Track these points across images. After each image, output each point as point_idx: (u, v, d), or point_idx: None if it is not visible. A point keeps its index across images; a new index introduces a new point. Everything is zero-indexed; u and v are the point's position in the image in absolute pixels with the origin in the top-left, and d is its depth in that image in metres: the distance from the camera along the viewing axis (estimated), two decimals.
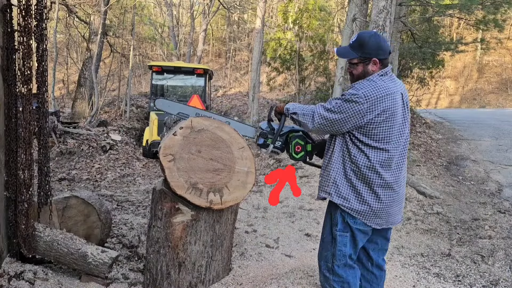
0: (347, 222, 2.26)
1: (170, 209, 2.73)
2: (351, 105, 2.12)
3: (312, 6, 14.63)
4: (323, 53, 14.86)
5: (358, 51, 2.22)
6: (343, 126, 2.18)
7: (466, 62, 25.83)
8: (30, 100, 2.89)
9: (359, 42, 2.23)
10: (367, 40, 2.21)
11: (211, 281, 2.95)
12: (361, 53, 2.21)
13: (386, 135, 2.18)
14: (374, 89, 2.14)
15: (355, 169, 2.22)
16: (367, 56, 2.20)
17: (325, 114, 2.19)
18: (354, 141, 2.22)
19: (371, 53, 2.19)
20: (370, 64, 2.21)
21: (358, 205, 2.22)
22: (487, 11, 11.28)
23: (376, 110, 2.12)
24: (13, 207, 2.93)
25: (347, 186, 2.25)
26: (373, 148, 2.19)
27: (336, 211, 2.29)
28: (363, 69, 2.23)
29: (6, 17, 2.85)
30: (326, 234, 2.36)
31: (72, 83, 20.06)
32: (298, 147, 2.43)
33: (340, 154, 2.27)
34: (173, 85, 11.15)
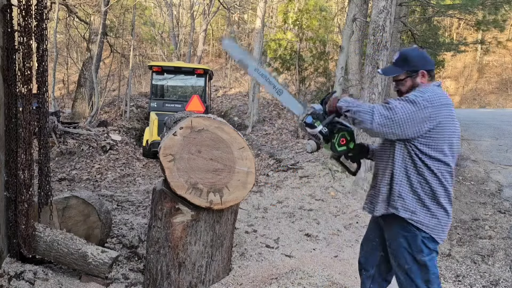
0: (427, 245, 2.14)
1: (170, 209, 2.73)
2: (415, 107, 2.01)
3: (313, 7, 14.63)
4: (323, 54, 14.86)
5: (403, 66, 2.18)
6: (406, 130, 2.04)
7: (466, 62, 25.83)
8: (30, 100, 2.90)
9: (403, 57, 2.20)
10: (410, 53, 2.20)
11: (211, 281, 2.95)
12: (407, 67, 2.17)
13: (447, 147, 2.10)
14: (437, 96, 2.07)
15: (422, 181, 2.11)
16: (414, 69, 2.16)
17: (387, 113, 2.02)
18: (417, 153, 2.11)
19: (417, 65, 2.16)
20: (418, 77, 2.17)
21: (427, 218, 2.12)
22: (488, 11, 11.29)
23: (438, 117, 2.05)
24: (13, 207, 2.93)
25: (413, 200, 2.12)
26: (437, 160, 2.09)
27: (414, 239, 2.13)
28: (411, 83, 2.18)
29: (6, 17, 2.85)
30: (410, 265, 2.16)
31: (72, 83, 20.06)
32: (343, 140, 2.28)
33: (402, 165, 2.14)
34: (173, 85, 11.15)
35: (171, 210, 2.73)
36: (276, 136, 11.91)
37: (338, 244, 4.16)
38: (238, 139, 2.77)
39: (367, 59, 7.24)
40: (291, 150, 9.72)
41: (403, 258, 2.17)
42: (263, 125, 13.29)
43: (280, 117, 14.25)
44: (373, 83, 7.06)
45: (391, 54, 9.78)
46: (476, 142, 8.94)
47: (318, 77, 15.49)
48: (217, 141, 2.72)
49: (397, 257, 2.20)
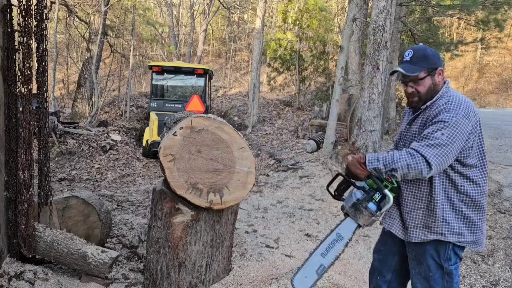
0: (457, 253, 2.07)
1: (170, 209, 2.73)
2: (457, 129, 1.87)
3: (312, 7, 14.63)
4: (323, 53, 14.87)
5: (423, 63, 2.01)
6: (454, 155, 1.92)
7: (466, 62, 25.83)
8: (30, 100, 2.90)
9: (421, 54, 2.03)
10: (427, 50, 2.05)
11: (211, 281, 2.95)
12: (427, 64, 2.01)
13: (482, 150, 2.03)
14: (466, 104, 1.95)
15: (466, 199, 2.01)
16: (434, 66, 2.02)
17: (439, 151, 1.85)
18: (456, 169, 1.98)
19: (435, 62, 2.02)
20: (436, 75, 2.03)
21: (472, 235, 2.04)
22: (488, 11, 11.29)
23: (475, 126, 1.96)
24: (13, 207, 2.93)
25: (459, 220, 2.01)
26: (480, 167, 2.01)
27: (445, 247, 2.04)
28: (431, 82, 2.02)
29: (6, 17, 2.85)
30: (433, 273, 2.06)
31: (72, 83, 20.06)
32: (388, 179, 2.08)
33: (441, 188, 2.00)
34: (173, 85, 11.16)
35: (171, 210, 2.73)
36: (276, 136, 11.91)
37: None
38: (238, 139, 2.76)
39: (367, 59, 7.24)
40: (291, 150, 9.71)
41: (426, 265, 2.07)
42: (263, 125, 13.29)
43: (280, 117, 14.25)
44: (373, 83, 7.06)
45: (391, 54, 9.78)
46: None
47: (318, 77, 15.50)
48: (217, 141, 2.72)
49: (419, 263, 2.10)
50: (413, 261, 2.13)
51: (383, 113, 7.29)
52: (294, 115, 14.22)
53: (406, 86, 2.07)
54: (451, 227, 2.00)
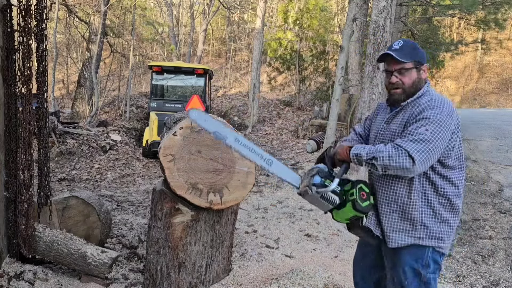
0: (436, 260, 1.97)
1: (170, 210, 2.72)
2: (441, 126, 1.81)
3: (313, 6, 14.64)
4: (323, 53, 14.87)
5: (412, 55, 1.93)
6: (439, 153, 1.85)
7: (466, 62, 25.82)
8: (30, 100, 2.89)
9: (411, 46, 1.95)
10: (416, 44, 1.97)
11: (211, 281, 2.94)
12: (415, 57, 1.93)
13: (461, 152, 1.95)
14: (449, 103, 1.89)
15: (444, 202, 1.93)
16: (420, 61, 1.95)
17: (423, 146, 1.77)
18: (437, 170, 1.90)
19: (423, 58, 1.96)
20: (422, 71, 1.96)
21: (450, 238, 1.97)
22: (488, 11, 11.29)
23: (457, 126, 1.90)
24: (13, 207, 2.93)
25: (438, 224, 1.92)
26: (458, 169, 1.94)
27: (423, 252, 1.93)
28: (417, 76, 1.94)
29: (6, 17, 2.85)
30: (410, 280, 1.94)
31: (72, 83, 20.06)
32: (363, 194, 1.91)
33: (420, 190, 1.91)
34: (173, 85, 11.15)
35: (171, 210, 2.72)
36: (276, 136, 11.91)
37: (338, 244, 4.15)
38: None
39: (367, 59, 7.24)
40: (291, 150, 9.72)
41: (403, 272, 1.96)
42: (263, 125, 13.29)
43: (280, 117, 14.25)
44: (373, 83, 7.05)
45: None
46: (477, 142, 8.93)
47: (318, 77, 15.50)
48: (217, 141, 2.72)
49: (395, 271, 1.99)
50: (390, 270, 2.03)
51: None
52: (294, 115, 14.22)
53: (390, 75, 1.96)
54: (430, 231, 1.91)
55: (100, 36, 12.57)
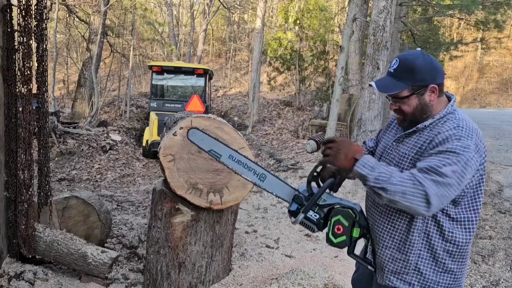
0: None
1: (170, 210, 2.73)
2: (470, 166, 1.51)
3: (313, 6, 14.65)
4: (323, 53, 14.87)
5: (407, 79, 1.59)
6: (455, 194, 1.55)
7: (466, 62, 25.84)
8: (30, 100, 2.89)
9: (407, 67, 1.60)
10: (416, 62, 1.59)
11: (211, 281, 2.94)
12: (412, 81, 1.59)
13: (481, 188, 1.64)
14: (477, 132, 1.57)
15: (452, 249, 1.61)
16: (422, 84, 1.59)
17: (442, 190, 1.47)
18: (447, 211, 1.59)
19: (425, 78, 1.59)
20: (427, 93, 1.60)
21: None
22: (488, 11, 11.30)
23: (482, 162, 1.60)
24: (13, 207, 2.93)
25: (437, 274, 1.63)
26: (473, 210, 1.62)
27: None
28: (418, 102, 1.61)
29: (6, 17, 2.85)
30: None
31: (72, 83, 20.07)
32: (339, 228, 1.68)
33: (422, 231, 1.61)
34: (173, 85, 11.16)
35: (171, 210, 2.72)
36: (276, 136, 11.91)
37: None
38: (238, 139, 2.76)
39: (367, 59, 7.24)
40: (291, 150, 9.72)
41: None
42: (263, 125, 13.29)
43: (280, 117, 14.25)
44: None
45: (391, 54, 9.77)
46: None
47: (318, 77, 15.51)
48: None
49: None
50: None
51: (383, 113, 7.29)
52: (294, 115, 14.22)
53: (389, 101, 1.71)
54: (425, 280, 1.63)
55: (100, 36, 12.57)
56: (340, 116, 9.40)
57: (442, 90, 1.63)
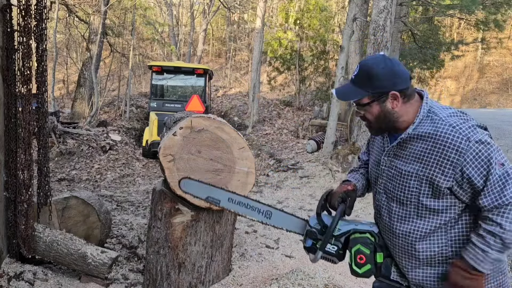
0: None
1: (170, 210, 2.72)
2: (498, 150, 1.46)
3: (313, 6, 14.64)
4: (324, 53, 14.87)
5: (366, 86, 1.55)
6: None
7: (467, 62, 25.83)
8: (29, 100, 2.89)
9: (365, 75, 1.55)
10: (374, 68, 1.53)
11: (211, 281, 2.94)
12: (371, 88, 1.54)
13: None
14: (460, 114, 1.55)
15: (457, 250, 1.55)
16: (380, 90, 1.53)
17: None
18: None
19: (384, 85, 1.53)
20: (388, 100, 1.54)
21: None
22: (488, 11, 11.30)
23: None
24: (12, 207, 2.93)
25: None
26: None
27: None
28: (380, 109, 1.56)
29: (6, 17, 2.85)
30: None
31: (72, 83, 20.07)
32: (361, 257, 1.59)
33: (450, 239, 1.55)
34: (173, 85, 11.16)
35: (171, 210, 2.72)
36: (276, 136, 11.90)
37: None
38: (238, 139, 2.76)
39: None
40: (291, 150, 9.71)
41: None
42: (263, 125, 13.29)
43: (280, 117, 14.24)
44: None
45: (391, 54, 9.76)
46: None
47: (318, 77, 15.50)
48: (217, 141, 2.71)
49: None
50: None
51: None
52: (294, 115, 14.22)
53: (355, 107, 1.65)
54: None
55: (100, 36, 12.57)
56: (340, 116, 9.39)
57: (408, 95, 1.55)
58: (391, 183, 1.60)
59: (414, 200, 1.53)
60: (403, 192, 1.55)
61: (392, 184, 1.59)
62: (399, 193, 1.57)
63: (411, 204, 1.54)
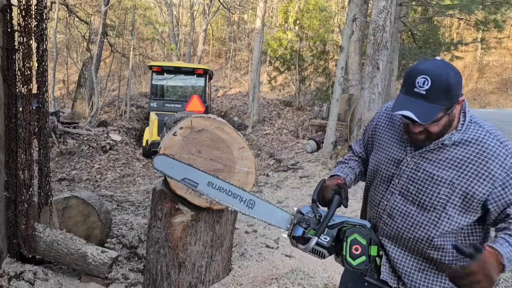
0: None
1: (170, 210, 2.73)
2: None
3: (313, 6, 14.65)
4: (324, 53, 14.88)
5: (443, 100, 1.36)
6: None
7: (466, 62, 25.83)
8: (30, 100, 2.90)
9: (442, 87, 1.35)
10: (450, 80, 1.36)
11: (211, 281, 2.94)
12: (447, 100, 1.37)
13: None
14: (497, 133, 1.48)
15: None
16: (455, 100, 1.39)
17: None
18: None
19: (458, 94, 1.39)
20: (455, 108, 1.41)
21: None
22: (488, 11, 11.31)
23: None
24: (13, 207, 2.93)
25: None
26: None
27: None
28: (447, 119, 1.41)
29: (6, 17, 2.85)
30: None
31: (72, 83, 20.08)
32: (357, 248, 1.53)
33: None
34: (173, 85, 11.17)
35: (171, 210, 2.73)
36: (276, 136, 11.91)
37: None
38: (238, 139, 2.76)
39: (367, 59, 7.25)
40: (291, 150, 9.72)
41: None
42: (263, 125, 13.29)
43: (280, 117, 14.25)
44: (373, 83, 7.06)
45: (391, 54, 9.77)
46: None
47: (318, 77, 15.51)
48: (217, 141, 2.72)
49: None
50: None
51: None
52: (294, 115, 14.22)
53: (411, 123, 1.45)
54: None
55: (100, 36, 12.58)
56: (340, 116, 9.40)
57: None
58: (415, 186, 1.49)
59: (439, 207, 1.44)
60: (430, 197, 1.45)
61: (416, 187, 1.48)
62: (424, 197, 1.46)
63: (434, 211, 1.45)
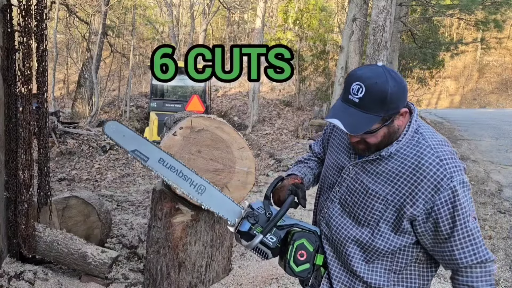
0: None
1: (170, 209, 2.73)
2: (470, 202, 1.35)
3: (313, 6, 14.66)
4: (323, 53, 14.89)
5: (379, 110, 1.23)
6: None
7: (466, 62, 25.84)
8: (30, 100, 2.89)
9: (377, 98, 1.22)
10: (388, 89, 1.21)
11: (211, 281, 2.95)
12: (384, 111, 1.23)
13: None
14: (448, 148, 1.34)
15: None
16: (394, 112, 1.26)
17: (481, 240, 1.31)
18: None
19: (399, 105, 1.25)
20: (397, 119, 1.29)
21: None
22: (488, 11, 11.31)
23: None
24: (13, 207, 2.93)
25: None
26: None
27: None
28: (387, 131, 1.28)
29: (6, 17, 2.85)
30: None
31: (72, 83, 20.07)
32: (302, 253, 1.43)
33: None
34: (173, 85, 11.17)
35: (171, 210, 2.73)
36: (276, 136, 11.91)
37: None
38: (238, 139, 2.76)
39: (367, 59, 7.25)
40: (291, 150, 9.72)
41: None
42: (263, 125, 13.30)
43: (280, 117, 14.25)
44: None
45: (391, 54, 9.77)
46: (476, 142, 8.95)
47: (318, 77, 15.52)
48: (217, 141, 2.72)
49: None
50: None
51: None
52: (294, 115, 14.22)
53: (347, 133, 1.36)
54: None
55: (100, 36, 12.58)
56: None
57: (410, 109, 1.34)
58: (352, 197, 1.39)
59: (372, 223, 1.33)
60: (364, 211, 1.35)
61: (353, 199, 1.38)
62: (359, 211, 1.36)
63: (368, 227, 1.34)
